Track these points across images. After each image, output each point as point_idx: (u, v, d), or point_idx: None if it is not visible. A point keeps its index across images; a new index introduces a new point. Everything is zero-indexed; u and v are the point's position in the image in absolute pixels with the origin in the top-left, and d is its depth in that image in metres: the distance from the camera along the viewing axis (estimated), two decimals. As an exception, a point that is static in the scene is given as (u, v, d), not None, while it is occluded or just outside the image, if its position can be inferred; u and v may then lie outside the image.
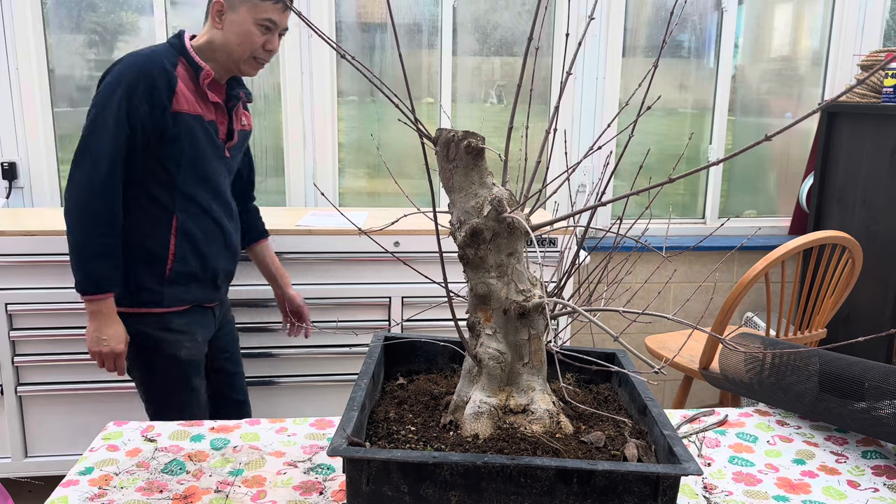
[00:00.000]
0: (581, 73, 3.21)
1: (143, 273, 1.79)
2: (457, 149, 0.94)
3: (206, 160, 1.81)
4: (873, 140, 2.97)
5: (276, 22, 1.79)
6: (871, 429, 1.28)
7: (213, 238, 1.86)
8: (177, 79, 1.75)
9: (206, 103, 1.81)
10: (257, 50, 1.81)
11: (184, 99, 1.74)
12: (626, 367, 1.15)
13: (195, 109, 1.78)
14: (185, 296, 1.83)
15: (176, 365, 1.84)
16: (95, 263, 1.70)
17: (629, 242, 3.04)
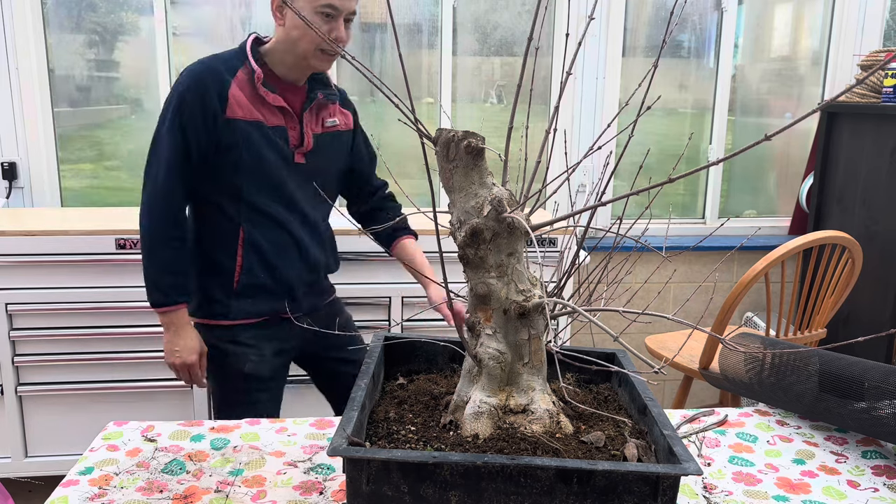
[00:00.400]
0: (581, 73, 3.21)
1: (213, 285, 1.75)
2: (457, 149, 0.94)
3: (271, 167, 1.70)
4: (873, 140, 2.97)
5: (337, 7, 1.62)
6: (871, 429, 1.28)
7: (284, 249, 1.75)
8: (230, 84, 1.65)
9: (267, 108, 1.69)
10: (322, 41, 1.64)
11: (237, 105, 1.65)
12: (626, 367, 1.15)
13: (252, 115, 1.67)
14: (252, 308, 1.75)
15: (240, 378, 1.78)
16: (164, 275, 1.68)
17: (629, 242, 3.04)
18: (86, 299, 2.46)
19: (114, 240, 2.43)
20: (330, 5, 1.61)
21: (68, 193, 3.12)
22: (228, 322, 1.76)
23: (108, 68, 3.10)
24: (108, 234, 2.43)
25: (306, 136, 1.74)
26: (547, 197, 1.06)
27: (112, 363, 2.53)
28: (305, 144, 1.74)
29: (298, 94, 1.75)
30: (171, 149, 1.66)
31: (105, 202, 3.15)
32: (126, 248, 2.44)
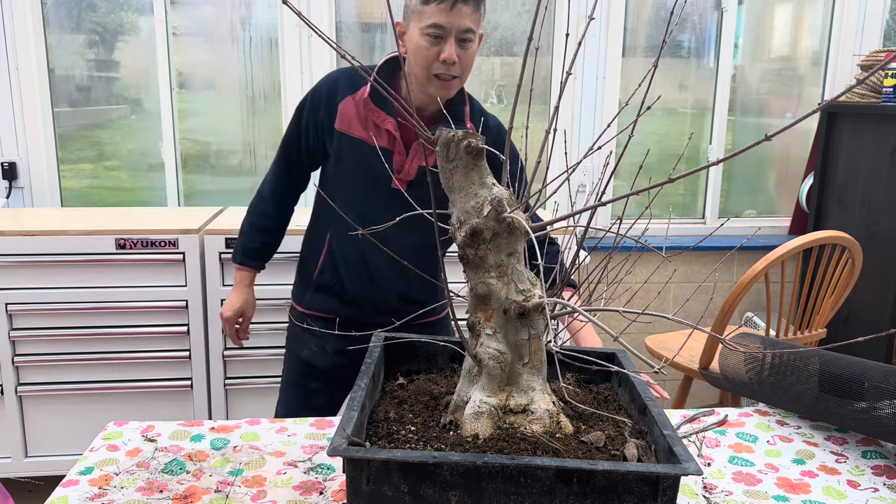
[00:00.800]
0: (581, 73, 3.21)
1: (302, 271, 1.87)
2: (457, 149, 0.95)
3: (361, 186, 1.69)
4: (873, 140, 2.97)
5: (442, 26, 1.51)
6: (871, 429, 1.28)
7: (354, 267, 1.76)
8: (343, 98, 1.66)
9: (377, 128, 1.65)
10: (433, 65, 1.55)
11: (344, 119, 1.66)
12: (626, 367, 1.15)
13: (355, 132, 1.66)
14: (323, 304, 1.82)
15: (298, 361, 1.88)
16: (242, 237, 1.86)
17: (629, 242, 3.03)
18: (86, 299, 2.46)
19: (114, 240, 2.43)
20: (435, 24, 1.51)
21: (68, 193, 3.12)
22: (302, 308, 1.86)
23: (108, 68, 3.10)
24: (108, 234, 2.43)
25: (408, 164, 1.68)
26: (547, 197, 1.06)
27: (112, 363, 2.53)
28: (405, 172, 1.68)
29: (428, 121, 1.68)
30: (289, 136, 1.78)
31: (105, 202, 3.15)
32: (126, 248, 2.44)
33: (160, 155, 3.12)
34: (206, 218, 2.68)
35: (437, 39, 1.52)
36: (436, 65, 1.54)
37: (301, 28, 3.00)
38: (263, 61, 3.12)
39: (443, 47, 1.53)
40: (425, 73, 1.56)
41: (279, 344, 2.60)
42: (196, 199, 3.20)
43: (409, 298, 1.81)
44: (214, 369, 2.59)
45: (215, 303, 2.53)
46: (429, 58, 1.54)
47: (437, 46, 1.53)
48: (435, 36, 1.52)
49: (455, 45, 1.53)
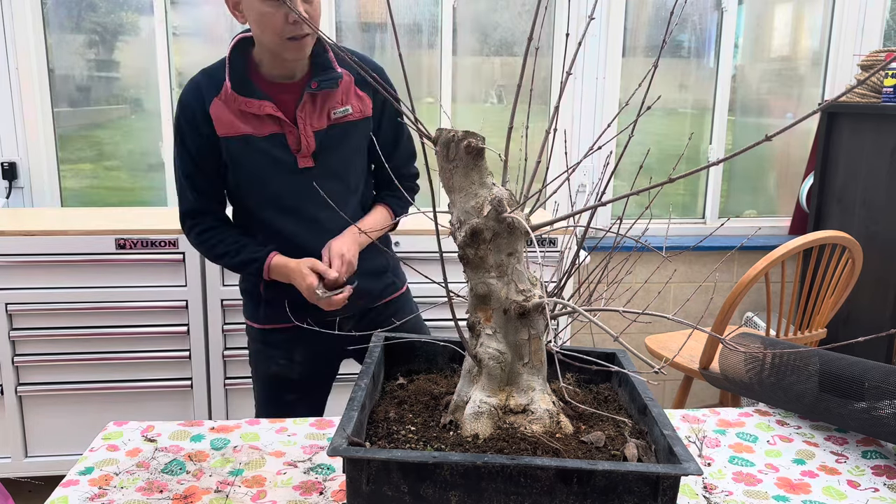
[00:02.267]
0: (581, 73, 3.21)
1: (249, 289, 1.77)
2: (457, 149, 0.94)
3: (268, 180, 1.59)
4: (873, 140, 2.97)
5: None
6: (871, 429, 1.28)
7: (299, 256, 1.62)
8: (211, 103, 1.56)
9: (257, 117, 1.56)
10: (283, 28, 1.46)
11: (220, 123, 1.56)
12: (626, 367, 1.15)
13: (237, 130, 1.56)
14: (278, 317, 1.67)
15: (268, 378, 1.77)
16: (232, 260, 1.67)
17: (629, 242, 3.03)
18: (86, 299, 2.46)
19: (114, 240, 2.43)
20: None
21: (68, 193, 3.12)
22: (259, 325, 1.76)
23: (108, 68, 3.10)
24: (108, 234, 2.43)
25: (304, 136, 1.58)
26: (547, 197, 1.06)
27: (112, 363, 2.53)
28: (305, 146, 1.59)
29: (294, 92, 1.59)
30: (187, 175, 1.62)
31: (105, 202, 3.15)
32: (126, 248, 2.44)
33: (160, 155, 3.12)
34: (206, 218, 2.68)
35: (278, 1, 1.44)
36: (286, 28, 1.46)
37: (301, 28, 3.00)
38: (263, 61, 3.11)
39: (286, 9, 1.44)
40: (278, 38, 1.48)
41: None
42: (196, 199, 3.19)
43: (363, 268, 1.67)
44: (214, 369, 2.59)
45: (215, 303, 2.53)
46: (276, 22, 1.45)
47: (281, 9, 1.44)
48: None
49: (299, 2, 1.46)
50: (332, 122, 1.62)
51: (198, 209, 1.66)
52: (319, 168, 1.62)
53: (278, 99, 1.57)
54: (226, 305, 2.55)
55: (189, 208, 1.65)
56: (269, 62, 1.57)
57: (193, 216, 1.66)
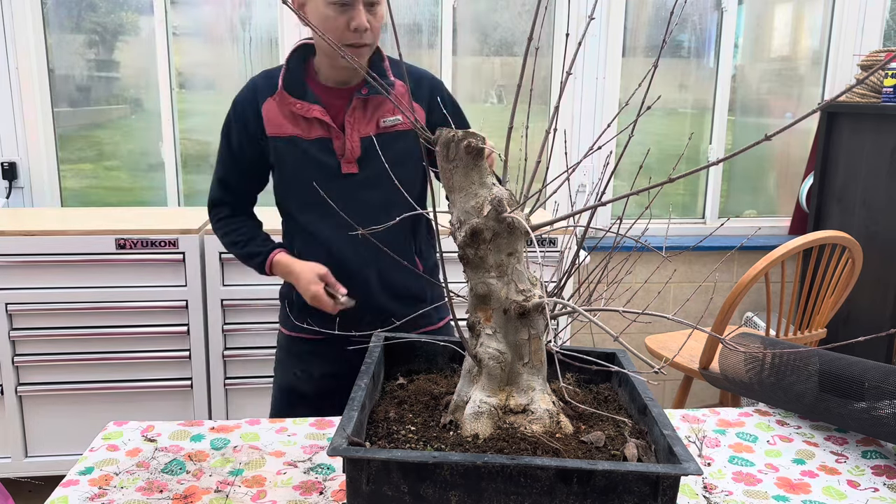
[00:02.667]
0: (581, 73, 3.21)
1: (283, 294, 1.77)
2: (457, 149, 0.94)
3: (309, 184, 1.56)
4: (873, 140, 2.97)
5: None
6: (871, 429, 1.28)
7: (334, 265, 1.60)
8: (264, 102, 1.58)
9: (306, 120, 1.57)
10: (344, 34, 1.46)
11: (270, 123, 1.58)
12: (626, 367, 1.15)
13: (285, 131, 1.58)
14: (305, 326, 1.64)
15: (284, 388, 1.77)
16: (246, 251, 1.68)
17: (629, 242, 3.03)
18: (86, 299, 2.46)
19: (114, 240, 2.43)
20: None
21: (68, 193, 3.12)
22: (287, 332, 1.76)
23: (108, 68, 3.10)
24: (108, 234, 2.43)
25: (350, 141, 1.57)
26: (547, 197, 1.06)
27: (112, 363, 2.53)
28: (350, 152, 1.57)
29: (346, 97, 1.58)
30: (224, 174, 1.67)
31: (105, 202, 3.15)
32: (126, 248, 2.45)
33: (160, 155, 3.12)
34: (206, 218, 2.68)
35: (343, 7, 1.45)
36: (346, 34, 1.46)
37: (301, 28, 3.00)
38: (263, 61, 3.12)
39: (352, 15, 1.45)
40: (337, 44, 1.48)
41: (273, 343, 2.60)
42: (196, 199, 3.20)
43: (396, 290, 1.66)
44: (214, 369, 2.59)
45: (215, 303, 2.53)
46: (338, 27, 1.46)
47: (345, 15, 1.45)
48: (341, 3, 1.44)
49: (363, 10, 1.46)
50: (381, 131, 1.60)
51: (223, 200, 1.70)
52: (363, 175, 1.60)
53: (329, 104, 1.58)
54: (226, 305, 2.55)
55: (215, 197, 1.70)
56: (326, 67, 1.58)
57: (218, 205, 1.71)
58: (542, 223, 0.98)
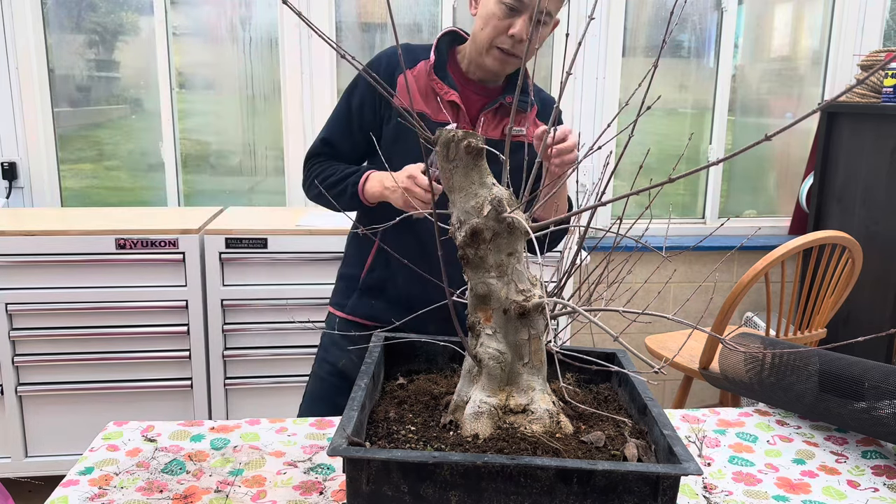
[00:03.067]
0: (581, 73, 3.21)
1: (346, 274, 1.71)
2: (457, 149, 0.94)
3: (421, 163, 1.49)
4: (873, 140, 2.97)
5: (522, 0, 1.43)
6: (871, 429, 1.28)
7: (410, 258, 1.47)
8: (402, 72, 1.53)
9: (438, 102, 1.54)
10: (500, 36, 1.46)
11: (403, 94, 1.52)
12: (626, 367, 1.15)
13: (418, 106, 1.54)
14: (369, 310, 1.64)
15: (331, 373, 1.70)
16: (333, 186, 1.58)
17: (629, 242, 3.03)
18: (86, 299, 2.46)
19: (114, 240, 2.43)
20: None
21: (68, 193, 3.12)
22: (343, 314, 1.70)
23: (108, 68, 3.10)
24: (108, 234, 2.43)
25: None
26: (547, 197, 1.06)
27: (112, 363, 2.53)
28: None
29: (484, 95, 1.58)
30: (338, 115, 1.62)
31: (105, 202, 3.15)
32: (126, 248, 2.45)
33: (160, 155, 3.12)
34: (206, 218, 2.68)
35: (512, 12, 1.44)
36: (503, 38, 1.46)
37: (301, 28, 3.00)
38: (263, 61, 3.12)
39: (515, 22, 1.44)
40: (488, 41, 1.47)
41: (279, 344, 2.61)
42: (196, 199, 3.20)
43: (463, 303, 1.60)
44: (214, 369, 2.59)
45: (215, 303, 2.53)
46: (498, 28, 1.45)
47: (509, 19, 1.44)
48: (511, 8, 1.43)
49: (528, 22, 1.44)
50: (503, 137, 1.58)
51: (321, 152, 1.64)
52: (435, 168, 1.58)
53: (465, 95, 1.56)
54: (226, 305, 2.55)
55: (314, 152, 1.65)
56: (468, 59, 1.57)
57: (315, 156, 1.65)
58: (543, 223, 0.98)
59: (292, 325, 2.57)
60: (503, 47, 1.47)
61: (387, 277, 1.63)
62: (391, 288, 1.62)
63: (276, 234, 2.51)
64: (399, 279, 1.61)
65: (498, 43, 1.47)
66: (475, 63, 1.55)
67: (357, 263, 1.68)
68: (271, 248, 2.51)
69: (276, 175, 3.17)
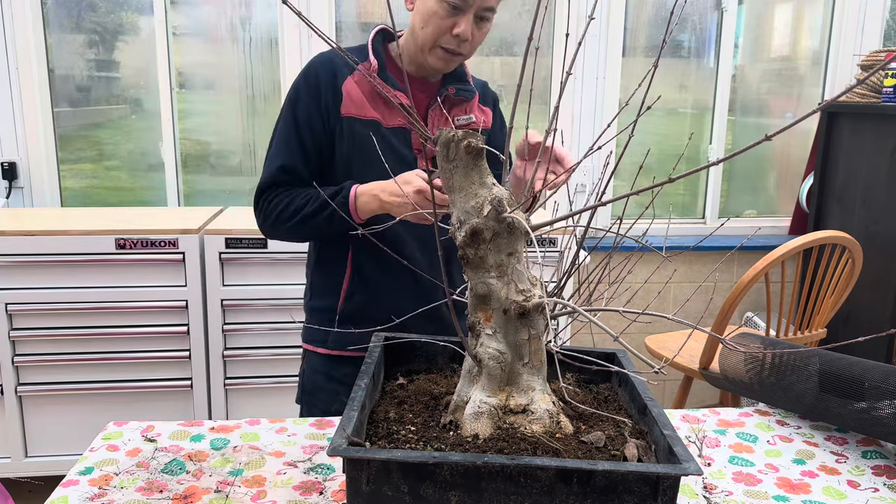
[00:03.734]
0: (581, 73, 3.20)
1: (318, 307, 1.57)
2: (457, 149, 0.94)
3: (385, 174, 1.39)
4: (873, 140, 2.97)
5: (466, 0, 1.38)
6: (871, 429, 1.28)
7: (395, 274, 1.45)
8: (345, 78, 1.46)
9: (387, 106, 1.47)
10: (443, 36, 1.40)
11: (351, 101, 1.45)
12: (626, 367, 1.15)
13: (366, 113, 1.46)
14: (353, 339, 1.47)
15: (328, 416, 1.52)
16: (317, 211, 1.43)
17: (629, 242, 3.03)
18: (86, 299, 2.46)
19: (114, 240, 2.43)
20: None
21: (68, 193, 3.12)
22: (325, 350, 1.56)
23: (108, 68, 3.10)
24: (108, 234, 2.43)
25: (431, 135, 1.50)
26: (547, 197, 1.06)
27: (112, 363, 2.53)
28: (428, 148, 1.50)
29: (427, 92, 1.53)
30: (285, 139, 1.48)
31: (105, 202, 3.15)
32: (126, 248, 2.45)
33: (160, 155, 3.12)
34: (206, 218, 2.68)
35: (455, 10, 1.39)
36: (446, 37, 1.41)
37: (301, 28, 3.00)
38: (263, 61, 3.12)
39: (459, 21, 1.39)
40: (431, 41, 1.42)
41: (279, 344, 2.60)
42: (196, 199, 3.20)
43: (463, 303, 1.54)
44: (214, 369, 2.59)
45: (215, 303, 2.53)
46: (441, 27, 1.40)
47: (453, 18, 1.39)
48: (454, 6, 1.38)
49: (471, 21, 1.40)
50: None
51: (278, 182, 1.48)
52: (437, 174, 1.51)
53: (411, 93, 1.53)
54: (226, 305, 2.55)
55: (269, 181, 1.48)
56: (407, 56, 1.51)
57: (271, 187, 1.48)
58: (542, 223, 0.98)
59: (292, 325, 2.57)
60: (447, 47, 1.42)
61: (368, 301, 1.51)
62: (374, 311, 1.48)
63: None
64: (382, 299, 1.49)
65: (442, 42, 1.42)
66: (416, 61, 1.49)
67: (328, 293, 1.54)
68: (271, 248, 2.51)
69: (276, 175, 3.18)
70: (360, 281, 1.52)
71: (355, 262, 1.51)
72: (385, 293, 1.51)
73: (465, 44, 1.42)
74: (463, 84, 1.55)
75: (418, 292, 1.45)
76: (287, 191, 1.48)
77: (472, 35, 1.42)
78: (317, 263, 1.58)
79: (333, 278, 1.53)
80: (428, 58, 1.45)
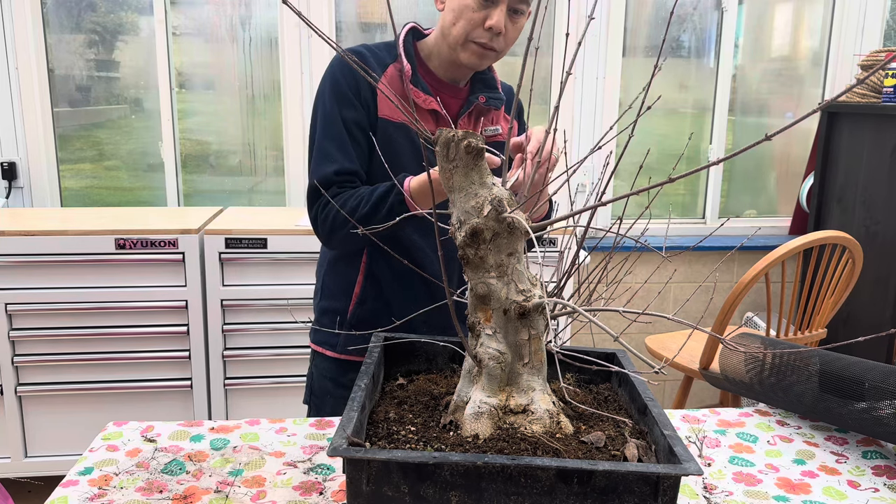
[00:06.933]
0: (581, 73, 3.20)
1: (329, 309, 1.54)
2: (457, 149, 0.94)
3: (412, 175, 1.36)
4: (873, 140, 2.97)
5: None
6: (871, 429, 1.28)
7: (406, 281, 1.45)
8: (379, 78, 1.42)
9: (417, 111, 1.41)
10: (476, 29, 1.35)
11: (384, 102, 1.41)
12: (626, 367, 1.14)
13: (398, 116, 1.41)
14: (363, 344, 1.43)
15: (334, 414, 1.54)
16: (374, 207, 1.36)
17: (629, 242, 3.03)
18: (86, 299, 2.46)
19: (114, 240, 2.43)
20: None
21: (68, 193, 3.12)
22: (334, 354, 1.54)
23: (108, 68, 3.10)
24: (108, 234, 2.43)
25: None
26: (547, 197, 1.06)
27: (112, 363, 2.53)
28: None
29: (458, 97, 1.49)
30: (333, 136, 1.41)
31: (105, 202, 3.15)
32: (126, 248, 2.45)
33: (160, 155, 3.12)
34: (206, 218, 2.68)
35: (487, 3, 1.34)
36: (479, 31, 1.36)
37: (301, 28, 3.00)
38: (263, 61, 3.12)
39: (491, 13, 1.34)
40: (463, 36, 1.37)
41: (279, 344, 2.61)
42: (196, 199, 3.20)
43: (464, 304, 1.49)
44: (214, 369, 2.59)
45: (215, 303, 2.53)
46: (474, 21, 1.35)
47: (485, 10, 1.34)
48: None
49: (504, 13, 1.35)
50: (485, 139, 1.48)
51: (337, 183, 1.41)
52: None
53: (441, 100, 1.45)
54: (226, 305, 2.55)
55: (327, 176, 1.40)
56: (437, 58, 1.46)
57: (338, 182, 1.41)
58: (542, 223, 0.98)
59: (292, 325, 2.57)
60: (480, 41, 1.37)
61: (380, 308, 1.49)
62: (386, 319, 1.45)
63: (276, 234, 2.50)
64: (394, 306, 1.47)
65: (474, 37, 1.37)
66: (447, 60, 1.45)
67: (340, 295, 1.52)
68: (271, 248, 2.51)
69: (275, 175, 3.17)
70: (374, 287, 1.49)
71: (369, 268, 1.49)
72: (398, 301, 1.49)
73: (499, 38, 1.37)
74: (492, 91, 1.51)
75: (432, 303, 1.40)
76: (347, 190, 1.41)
77: (506, 29, 1.37)
78: (329, 265, 1.56)
79: (346, 282, 1.51)
80: (461, 54, 1.40)
